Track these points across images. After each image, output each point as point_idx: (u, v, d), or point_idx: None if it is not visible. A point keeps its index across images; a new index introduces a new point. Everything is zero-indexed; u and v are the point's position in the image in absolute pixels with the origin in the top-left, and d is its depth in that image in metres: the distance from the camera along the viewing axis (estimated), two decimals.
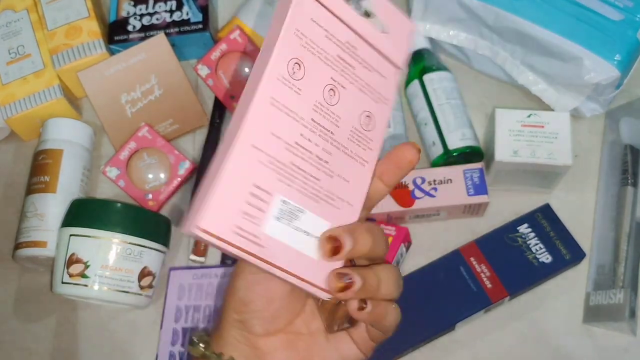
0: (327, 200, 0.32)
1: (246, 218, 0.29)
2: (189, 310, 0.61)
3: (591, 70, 0.58)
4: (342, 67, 0.32)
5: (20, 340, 0.62)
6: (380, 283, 0.32)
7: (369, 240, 0.32)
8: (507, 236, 0.59)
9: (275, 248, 0.30)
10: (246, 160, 0.29)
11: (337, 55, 0.32)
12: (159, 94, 0.68)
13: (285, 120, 0.30)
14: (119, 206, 0.58)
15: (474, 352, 0.58)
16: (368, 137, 0.33)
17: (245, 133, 0.29)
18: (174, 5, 0.72)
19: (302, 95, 0.31)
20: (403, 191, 0.61)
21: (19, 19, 0.71)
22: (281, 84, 0.30)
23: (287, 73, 0.30)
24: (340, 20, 0.32)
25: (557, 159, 0.58)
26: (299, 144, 0.31)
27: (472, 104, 0.67)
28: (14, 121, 0.68)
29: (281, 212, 0.30)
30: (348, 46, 0.33)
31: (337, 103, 0.32)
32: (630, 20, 0.59)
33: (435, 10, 0.66)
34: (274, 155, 0.30)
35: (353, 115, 0.33)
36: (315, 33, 0.31)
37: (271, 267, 0.30)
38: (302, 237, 0.31)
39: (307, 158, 0.31)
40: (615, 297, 0.55)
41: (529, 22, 0.60)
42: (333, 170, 0.32)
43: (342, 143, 0.32)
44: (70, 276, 0.56)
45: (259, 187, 0.30)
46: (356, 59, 0.33)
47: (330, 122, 0.32)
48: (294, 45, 0.31)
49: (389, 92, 0.34)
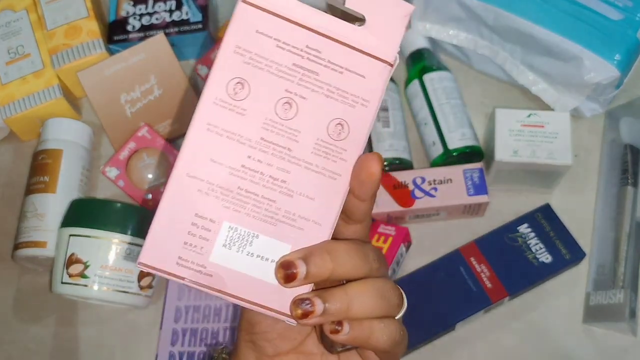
0: (286, 222, 0.30)
1: (189, 248, 0.29)
2: (188, 310, 0.61)
3: (591, 70, 0.58)
4: (300, 76, 0.30)
5: (20, 340, 0.62)
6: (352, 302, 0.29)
7: (329, 261, 0.29)
8: (507, 236, 0.59)
9: (226, 276, 0.29)
10: (184, 191, 0.29)
11: (292, 64, 0.30)
12: (159, 94, 0.68)
13: (227, 144, 0.29)
14: (119, 206, 0.58)
15: (474, 352, 0.58)
16: (340, 147, 0.30)
17: (181, 163, 0.29)
18: (173, 5, 0.71)
19: (247, 115, 0.29)
20: (403, 191, 0.61)
21: (19, 18, 0.71)
22: (219, 107, 0.29)
23: (226, 95, 0.29)
24: (296, 24, 0.30)
25: (557, 158, 0.58)
26: (247, 166, 0.29)
27: (472, 104, 0.67)
28: (14, 121, 0.68)
29: (230, 239, 0.29)
30: (308, 51, 0.30)
31: (294, 117, 0.30)
32: (630, 19, 0.59)
33: (435, 10, 0.66)
34: (215, 182, 0.29)
35: (317, 127, 0.30)
36: (261, 45, 0.29)
37: (225, 295, 0.29)
38: (259, 263, 0.29)
39: (257, 180, 0.29)
40: (616, 297, 0.55)
41: (529, 21, 0.60)
42: (293, 189, 0.30)
43: (304, 158, 0.30)
44: (70, 276, 0.56)
45: (202, 216, 0.29)
46: (320, 62, 0.30)
47: (287, 138, 0.30)
48: (235, 63, 0.29)
49: (371, 92, 0.31)
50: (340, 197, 0.30)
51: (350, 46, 0.30)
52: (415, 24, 0.68)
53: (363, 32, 0.31)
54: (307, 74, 0.30)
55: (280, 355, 0.34)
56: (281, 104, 0.30)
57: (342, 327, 0.29)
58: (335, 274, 0.29)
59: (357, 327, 0.30)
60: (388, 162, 0.62)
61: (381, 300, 0.30)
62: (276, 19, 0.30)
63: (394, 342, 0.31)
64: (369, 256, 0.30)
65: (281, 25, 0.30)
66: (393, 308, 0.31)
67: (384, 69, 0.31)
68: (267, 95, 0.30)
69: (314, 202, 0.30)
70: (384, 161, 0.61)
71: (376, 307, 0.30)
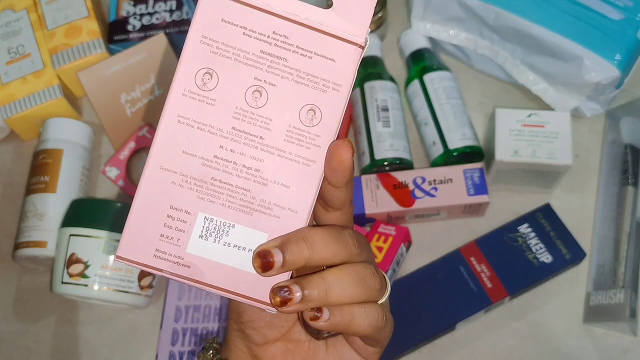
0: (262, 210, 0.30)
1: (165, 240, 0.29)
2: (188, 310, 0.61)
3: (591, 69, 0.58)
4: (269, 63, 0.30)
5: (20, 340, 0.62)
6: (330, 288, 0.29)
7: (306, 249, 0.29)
8: (508, 236, 0.59)
9: (204, 267, 0.29)
10: (157, 184, 0.29)
11: (260, 52, 0.30)
12: (159, 94, 0.68)
13: (198, 135, 0.29)
14: (119, 206, 0.58)
15: (474, 352, 0.58)
16: (313, 133, 0.30)
17: (154, 157, 0.29)
18: (173, 5, 0.71)
19: (217, 105, 0.29)
20: (403, 191, 0.61)
21: (19, 18, 0.71)
22: (188, 99, 0.29)
23: (195, 86, 0.29)
24: (261, 11, 0.29)
25: (557, 158, 0.58)
26: (219, 156, 0.29)
27: (472, 103, 0.67)
28: (14, 121, 0.68)
29: (206, 230, 0.29)
30: (275, 37, 0.30)
31: (265, 104, 0.30)
32: (631, 19, 0.59)
33: (435, 10, 0.66)
34: (189, 174, 0.29)
35: (289, 113, 0.30)
36: (228, 34, 0.29)
37: (204, 286, 0.29)
38: (236, 253, 0.30)
39: (231, 170, 0.30)
40: (616, 297, 0.55)
41: (529, 21, 0.60)
42: (267, 177, 0.30)
43: (277, 146, 0.30)
44: (70, 276, 0.56)
45: (176, 208, 0.29)
46: (288, 48, 0.30)
47: (258, 126, 0.30)
48: (202, 54, 0.29)
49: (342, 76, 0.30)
50: (315, 184, 0.30)
51: (318, 30, 0.30)
52: (416, 24, 0.68)
53: (331, 15, 0.30)
54: (275, 60, 0.30)
55: (269, 343, 0.35)
56: (251, 92, 0.30)
57: (322, 314, 0.29)
58: (313, 260, 0.29)
59: (337, 313, 0.30)
60: (388, 162, 0.62)
61: (361, 285, 0.30)
62: (241, 6, 0.29)
63: (375, 327, 0.31)
64: (348, 241, 0.30)
65: (247, 12, 0.29)
66: (374, 293, 0.31)
67: (354, 51, 0.30)
68: (236, 84, 0.30)
69: (289, 189, 0.30)
70: (385, 161, 0.61)
71: (356, 292, 0.30)
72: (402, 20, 0.73)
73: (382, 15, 0.69)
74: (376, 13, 0.68)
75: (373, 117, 0.63)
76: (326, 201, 0.31)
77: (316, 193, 0.30)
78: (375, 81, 0.65)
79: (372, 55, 0.67)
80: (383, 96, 0.64)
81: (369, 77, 0.65)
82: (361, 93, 0.65)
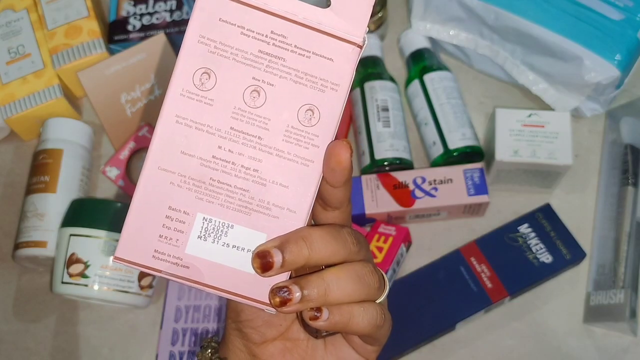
0: (260, 211, 0.30)
1: (164, 241, 0.29)
2: (189, 310, 0.61)
3: (591, 69, 0.58)
4: (267, 63, 0.29)
5: (20, 340, 0.62)
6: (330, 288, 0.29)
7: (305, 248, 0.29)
8: (508, 236, 0.59)
9: (203, 267, 0.29)
10: (156, 184, 0.29)
11: (258, 51, 0.29)
12: (159, 94, 0.68)
13: (197, 135, 0.29)
14: (119, 206, 0.58)
15: (474, 352, 0.58)
16: (311, 133, 0.30)
17: (152, 157, 0.29)
18: (174, 4, 0.71)
19: (215, 105, 0.29)
20: (403, 191, 0.61)
21: (19, 18, 0.71)
22: (186, 99, 0.29)
23: (192, 86, 0.29)
24: (259, 10, 0.29)
25: (557, 158, 0.58)
26: (218, 157, 0.29)
27: (472, 104, 0.67)
28: (14, 121, 0.68)
29: (204, 231, 0.29)
30: (273, 36, 0.29)
31: (263, 104, 0.30)
32: (631, 19, 0.59)
33: (435, 10, 0.66)
34: (187, 174, 0.29)
35: (287, 113, 0.30)
36: (226, 33, 0.29)
37: (203, 286, 0.29)
38: (235, 253, 0.30)
39: (229, 170, 0.29)
40: (616, 297, 0.55)
41: (529, 21, 0.60)
42: (265, 177, 0.30)
43: (275, 146, 0.30)
44: (70, 276, 0.56)
45: (175, 208, 0.29)
46: (286, 48, 0.30)
47: (257, 126, 0.30)
48: (200, 53, 0.29)
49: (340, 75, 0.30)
50: (314, 184, 0.30)
51: (316, 29, 0.30)
52: (416, 24, 0.68)
53: (329, 14, 0.30)
54: (273, 60, 0.30)
55: (267, 342, 0.35)
56: (249, 92, 0.30)
57: (321, 314, 0.29)
58: (312, 260, 0.29)
59: (336, 312, 0.30)
60: (388, 162, 0.62)
61: (360, 284, 0.30)
62: (239, 5, 0.29)
63: (374, 326, 0.31)
64: (347, 240, 0.30)
65: (244, 12, 0.29)
66: (373, 291, 0.31)
67: (352, 51, 0.30)
68: (234, 84, 0.29)
69: (288, 189, 0.30)
70: (385, 161, 0.61)
71: (355, 291, 0.30)
72: (402, 20, 0.73)
73: (382, 15, 0.69)
74: (376, 13, 0.68)
75: (373, 117, 0.63)
76: (325, 200, 0.31)
77: (315, 193, 0.30)
78: (375, 81, 0.65)
79: (372, 55, 0.67)
80: (383, 96, 0.64)
81: (369, 77, 0.65)
82: (361, 93, 0.65)
